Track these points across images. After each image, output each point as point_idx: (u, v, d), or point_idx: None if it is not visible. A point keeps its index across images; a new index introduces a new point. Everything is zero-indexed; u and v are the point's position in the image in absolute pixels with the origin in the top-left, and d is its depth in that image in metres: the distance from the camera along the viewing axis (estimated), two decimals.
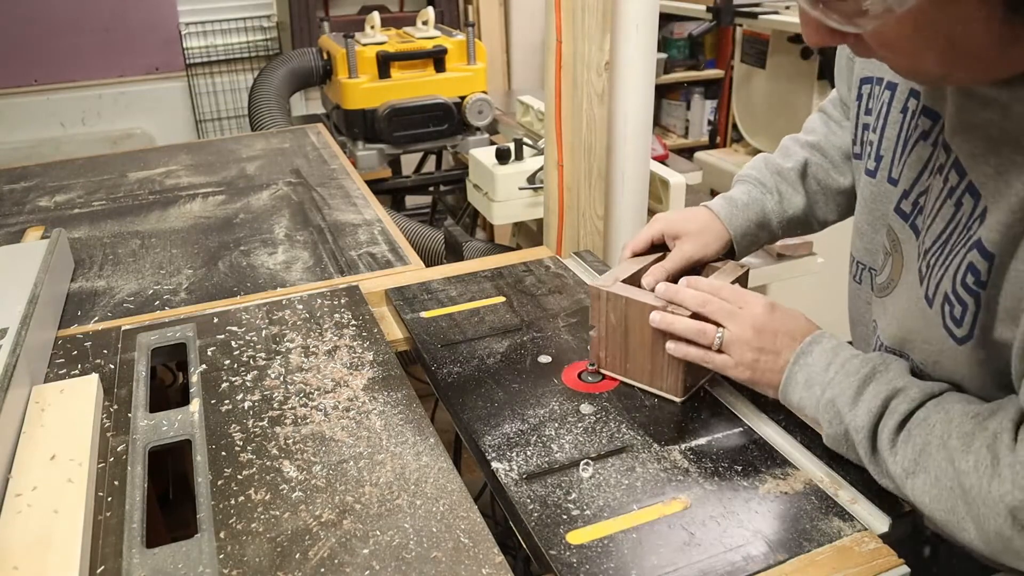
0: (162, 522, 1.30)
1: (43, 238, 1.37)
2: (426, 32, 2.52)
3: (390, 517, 0.76)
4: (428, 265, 1.30)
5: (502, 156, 1.81)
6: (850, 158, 1.01)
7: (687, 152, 3.48)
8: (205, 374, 1.00)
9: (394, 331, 1.13)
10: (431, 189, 2.82)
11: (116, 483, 0.82)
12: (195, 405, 0.94)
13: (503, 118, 2.51)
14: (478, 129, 2.48)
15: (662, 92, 3.91)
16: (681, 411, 0.90)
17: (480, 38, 3.22)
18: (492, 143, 2.36)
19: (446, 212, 2.92)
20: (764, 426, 0.88)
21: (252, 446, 0.86)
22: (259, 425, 0.90)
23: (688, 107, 3.96)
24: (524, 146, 1.84)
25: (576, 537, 0.72)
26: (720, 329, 0.85)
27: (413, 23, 2.63)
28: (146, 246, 1.41)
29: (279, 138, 2.08)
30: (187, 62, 3.15)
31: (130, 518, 0.77)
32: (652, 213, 1.17)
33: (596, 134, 1.28)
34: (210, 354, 1.04)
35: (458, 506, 0.77)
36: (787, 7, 2.90)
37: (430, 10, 2.57)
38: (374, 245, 1.39)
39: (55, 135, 3.09)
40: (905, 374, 0.75)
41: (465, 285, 1.21)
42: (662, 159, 2.08)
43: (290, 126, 2.30)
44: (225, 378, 0.99)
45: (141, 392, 0.97)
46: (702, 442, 0.84)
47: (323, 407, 0.92)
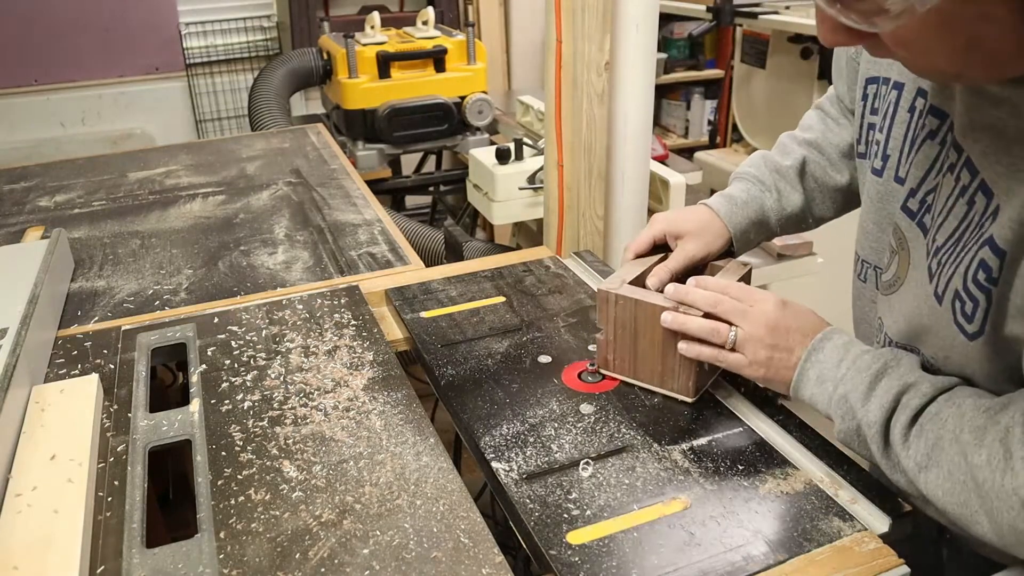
0: (162, 522, 1.30)
1: (43, 238, 1.37)
2: (426, 32, 2.52)
3: (390, 517, 0.76)
4: (428, 265, 1.30)
5: (502, 156, 1.81)
6: (846, 156, 1.02)
7: (687, 152, 3.49)
8: (205, 374, 1.00)
9: (394, 331, 1.13)
10: (431, 189, 2.82)
11: (116, 483, 0.82)
12: (195, 405, 0.94)
13: (503, 118, 2.51)
14: (478, 129, 2.48)
15: (662, 92, 3.91)
16: (681, 411, 0.90)
17: (480, 38, 3.22)
18: (492, 143, 2.36)
19: (446, 212, 2.92)
20: (764, 426, 0.88)
21: (252, 446, 0.86)
22: (259, 425, 0.90)
23: (688, 107, 3.96)
24: (524, 146, 1.84)
25: (576, 537, 0.72)
26: (733, 328, 0.85)
27: (413, 23, 2.63)
28: (146, 246, 1.41)
29: (279, 138, 2.08)
30: (187, 62, 3.15)
31: (130, 518, 0.77)
32: (652, 213, 1.17)
33: (596, 134, 1.28)
34: (210, 354, 1.04)
35: (458, 506, 0.77)
36: (787, 7, 2.90)
37: (430, 10, 2.57)
38: (374, 245, 1.39)
39: (55, 135, 3.09)
40: (916, 369, 0.75)
41: (465, 285, 1.21)
42: (662, 159, 2.08)
43: (290, 126, 2.30)
44: (225, 378, 0.99)
45: (141, 392, 0.97)
46: (702, 442, 0.84)
47: (323, 407, 0.92)
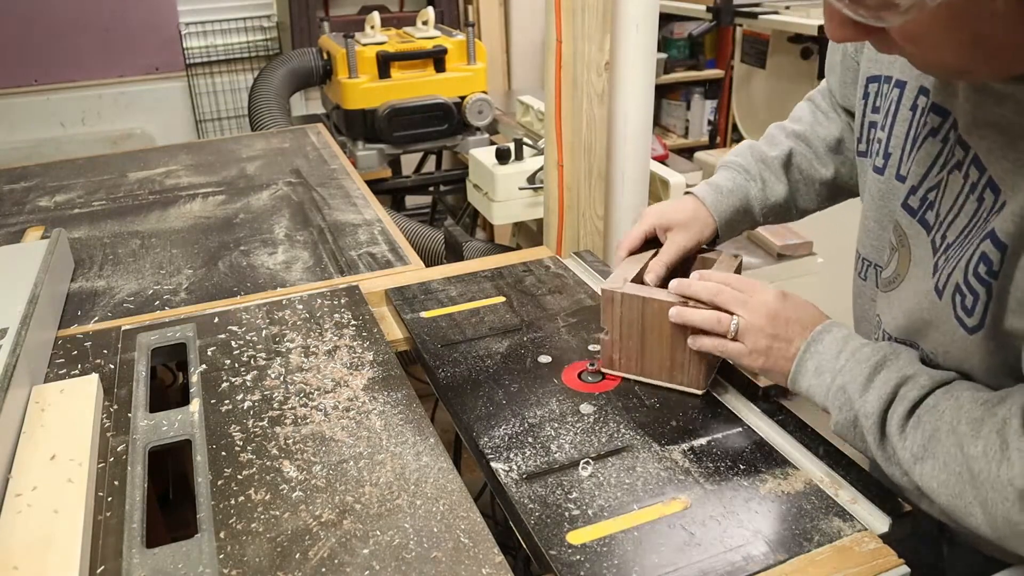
0: (162, 522, 1.30)
1: (43, 238, 1.37)
2: (426, 32, 2.52)
3: (390, 517, 0.76)
4: (428, 265, 1.30)
5: (502, 156, 1.81)
6: (833, 149, 1.03)
7: (687, 152, 3.48)
8: (205, 374, 1.00)
9: (394, 331, 1.13)
10: (431, 189, 2.82)
11: (116, 483, 0.82)
12: (195, 405, 0.94)
13: (503, 118, 2.51)
14: (478, 129, 2.48)
15: (662, 92, 3.90)
16: (681, 411, 0.90)
17: (480, 38, 3.22)
18: (492, 143, 2.36)
19: (446, 212, 2.92)
20: (764, 426, 0.88)
21: (252, 446, 0.86)
22: (259, 425, 0.90)
23: (688, 107, 3.95)
24: (524, 146, 1.84)
25: (576, 537, 0.72)
26: (734, 317, 0.86)
27: (413, 23, 2.63)
28: (146, 246, 1.41)
29: (279, 138, 2.08)
30: (187, 62, 3.15)
31: (130, 518, 0.77)
32: None
33: (596, 134, 1.28)
34: (210, 354, 1.04)
35: (458, 506, 0.77)
36: (787, 7, 2.90)
37: (430, 10, 2.57)
38: (374, 245, 1.39)
39: (55, 135, 3.08)
40: (915, 362, 0.76)
41: (465, 285, 1.21)
42: (662, 159, 2.08)
43: (290, 126, 2.30)
44: (225, 378, 0.99)
45: (141, 392, 0.97)
46: (702, 442, 0.84)
47: (323, 407, 0.92)
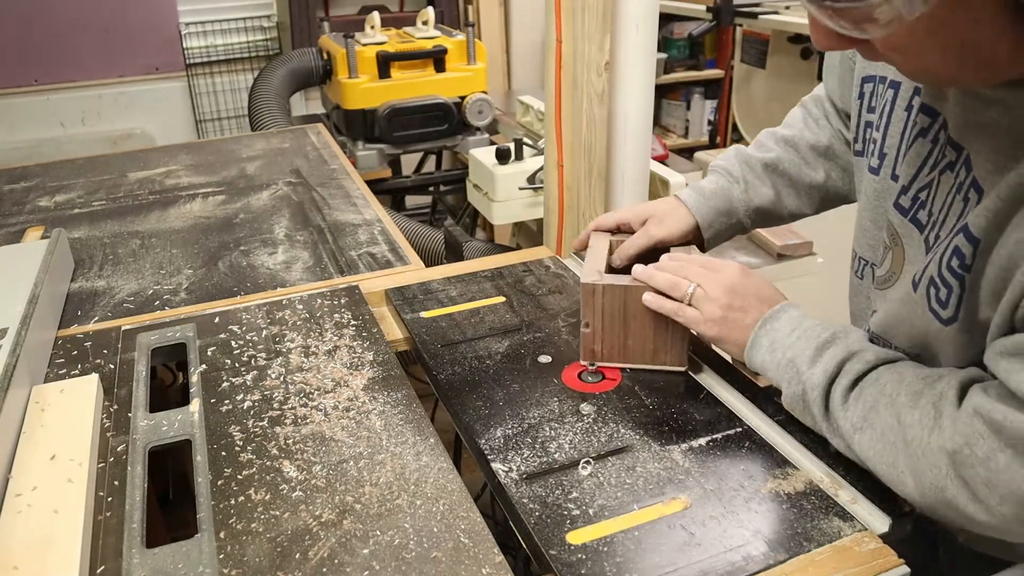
0: (162, 522, 1.30)
1: (43, 238, 1.37)
2: (426, 32, 2.52)
3: (390, 517, 0.76)
4: (428, 265, 1.30)
5: (502, 156, 1.81)
6: (821, 155, 1.05)
7: (687, 152, 3.48)
8: (205, 374, 1.00)
9: (394, 331, 1.13)
10: (431, 189, 2.82)
11: (116, 483, 0.82)
12: (195, 405, 0.94)
13: (503, 118, 2.51)
14: (478, 129, 2.48)
15: (662, 92, 3.91)
16: (681, 411, 0.90)
17: (480, 38, 3.22)
18: (492, 143, 2.36)
19: (446, 212, 2.92)
20: (764, 426, 0.88)
21: (252, 446, 0.86)
22: (259, 425, 0.90)
23: (688, 107, 3.96)
24: (524, 146, 1.84)
25: (576, 537, 0.72)
26: (692, 283, 0.89)
27: (413, 23, 2.63)
28: (146, 246, 1.41)
29: (279, 138, 2.08)
30: (187, 62, 3.15)
31: (130, 518, 0.77)
32: None
33: (596, 134, 1.28)
34: (210, 354, 1.04)
35: (458, 506, 0.77)
36: (787, 7, 2.90)
37: (430, 10, 2.57)
38: (374, 245, 1.39)
39: (55, 135, 3.08)
40: (863, 340, 0.79)
41: (465, 285, 1.21)
42: (662, 159, 2.08)
43: (290, 126, 2.30)
44: (225, 378, 0.99)
45: (141, 392, 0.97)
46: (702, 442, 0.84)
47: (323, 407, 0.92)
